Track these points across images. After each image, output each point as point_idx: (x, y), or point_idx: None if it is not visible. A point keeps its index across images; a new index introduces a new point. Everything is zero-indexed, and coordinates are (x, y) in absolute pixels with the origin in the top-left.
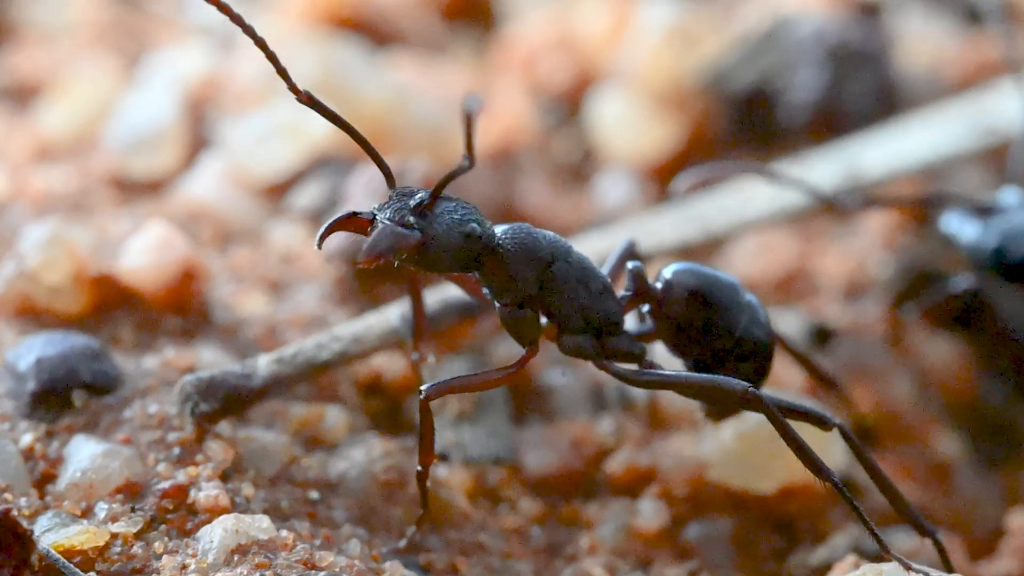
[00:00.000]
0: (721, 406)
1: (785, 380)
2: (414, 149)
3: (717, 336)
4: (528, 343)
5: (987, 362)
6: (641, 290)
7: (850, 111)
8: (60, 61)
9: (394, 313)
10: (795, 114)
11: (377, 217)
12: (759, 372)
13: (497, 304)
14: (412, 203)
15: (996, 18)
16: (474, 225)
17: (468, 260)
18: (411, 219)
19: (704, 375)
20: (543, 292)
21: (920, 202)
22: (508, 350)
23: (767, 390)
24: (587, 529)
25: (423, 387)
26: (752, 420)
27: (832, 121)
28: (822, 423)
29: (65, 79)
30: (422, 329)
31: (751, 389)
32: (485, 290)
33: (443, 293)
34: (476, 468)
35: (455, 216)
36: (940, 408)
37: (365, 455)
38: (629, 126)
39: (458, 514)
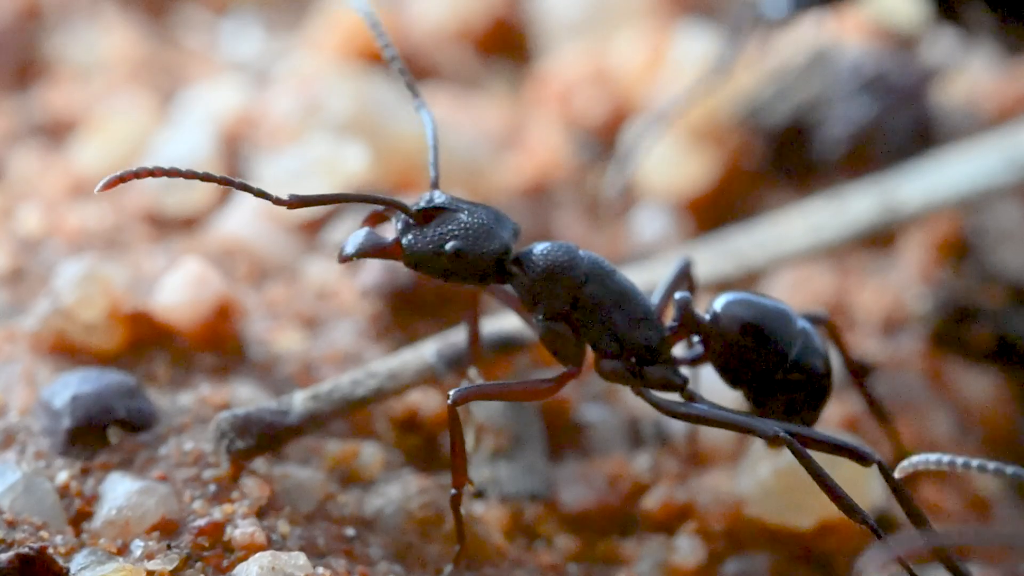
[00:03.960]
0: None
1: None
2: (448, 184)
3: (769, 366)
4: (568, 362)
5: None
6: (688, 322)
7: (887, 145)
8: (94, 98)
9: (430, 349)
10: (832, 148)
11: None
12: (815, 400)
13: (534, 318)
14: (404, 208)
15: None
16: (453, 242)
17: (465, 273)
18: (398, 226)
19: (738, 415)
20: (576, 312)
21: None
22: None
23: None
24: (624, 566)
25: (451, 391)
26: (789, 456)
27: (869, 155)
28: (862, 459)
29: (99, 116)
30: (477, 355)
31: (782, 433)
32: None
33: (479, 329)
34: (512, 505)
35: (440, 230)
36: (979, 444)
37: (401, 492)
38: (665, 160)
39: (494, 551)
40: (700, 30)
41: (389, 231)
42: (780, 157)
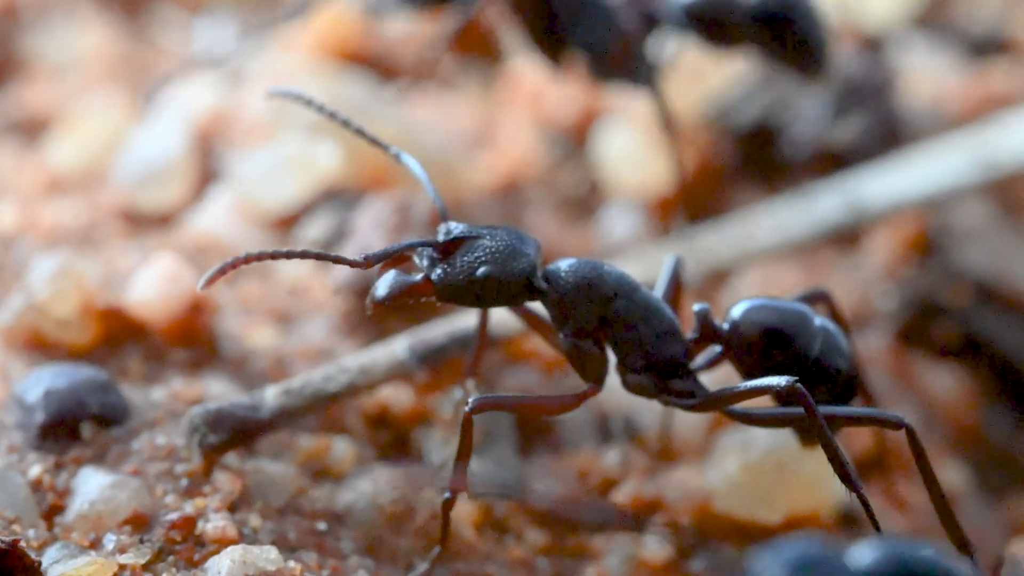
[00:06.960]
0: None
1: None
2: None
3: (791, 368)
4: (590, 379)
5: (990, 394)
6: (708, 333)
7: (853, 145)
8: (69, 95)
9: (401, 345)
10: (799, 147)
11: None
12: (840, 399)
13: (560, 335)
14: (431, 244)
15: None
16: (483, 268)
17: (499, 296)
18: (423, 263)
19: (751, 381)
20: (604, 328)
21: None
22: (516, 381)
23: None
24: (593, 560)
25: (471, 398)
26: (757, 450)
27: (835, 154)
28: (890, 424)
29: (74, 113)
30: (478, 363)
31: (796, 384)
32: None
33: (450, 325)
34: (483, 499)
35: (467, 258)
36: (944, 439)
37: (372, 486)
38: (635, 160)
39: (464, 545)
40: None
41: (415, 270)
42: (748, 157)
